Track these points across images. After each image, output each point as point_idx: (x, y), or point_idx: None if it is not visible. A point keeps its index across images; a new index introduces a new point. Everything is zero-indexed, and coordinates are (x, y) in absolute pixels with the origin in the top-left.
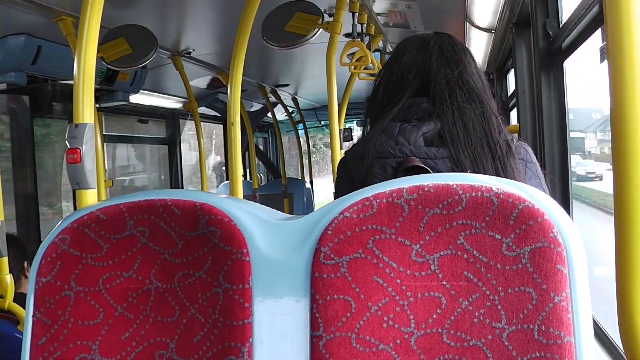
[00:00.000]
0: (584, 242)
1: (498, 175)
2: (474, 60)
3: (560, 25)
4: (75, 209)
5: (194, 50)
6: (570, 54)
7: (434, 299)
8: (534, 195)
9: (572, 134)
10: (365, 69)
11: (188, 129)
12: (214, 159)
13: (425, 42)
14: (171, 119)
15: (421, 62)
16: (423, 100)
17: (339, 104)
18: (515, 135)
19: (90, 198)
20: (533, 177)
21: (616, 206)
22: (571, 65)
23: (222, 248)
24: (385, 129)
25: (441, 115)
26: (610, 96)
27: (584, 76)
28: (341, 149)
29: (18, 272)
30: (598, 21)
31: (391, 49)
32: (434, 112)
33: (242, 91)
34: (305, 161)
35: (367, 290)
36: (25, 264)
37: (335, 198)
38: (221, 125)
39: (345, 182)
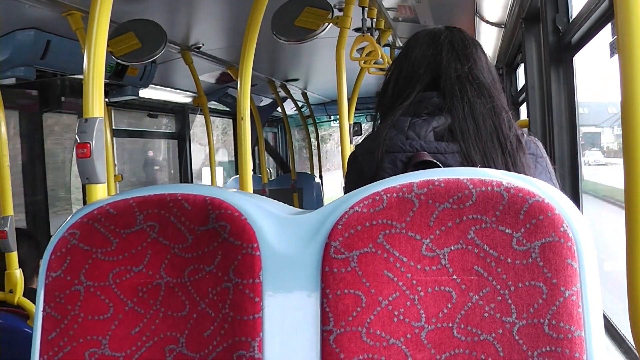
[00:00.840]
0: None
1: (508, 170)
2: (484, 55)
3: (570, 20)
4: (84, 203)
5: (203, 44)
6: (579, 48)
7: (445, 293)
8: (544, 189)
9: (587, 129)
10: (375, 63)
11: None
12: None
13: (436, 37)
14: (181, 114)
15: (431, 57)
16: (433, 94)
17: (348, 99)
18: (525, 129)
19: (100, 192)
20: (543, 172)
21: (627, 201)
22: (584, 58)
23: (232, 243)
24: (396, 123)
25: (451, 109)
26: (621, 91)
27: (597, 69)
28: (351, 143)
29: (32, 270)
30: (608, 16)
31: (401, 44)
32: (444, 107)
33: (251, 86)
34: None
35: (378, 284)
36: (41, 263)
37: (345, 193)
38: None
39: (355, 177)
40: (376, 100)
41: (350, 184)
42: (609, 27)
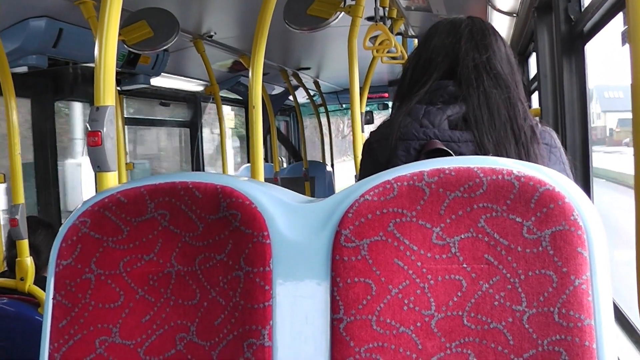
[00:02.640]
0: None
1: (521, 160)
2: (505, 45)
3: (582, 9)
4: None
5: (215, 33)
6: (591, 37)
7: (455, 281)
8: (555, 178)
9: (623, 115)
10: (387, 52)
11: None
12: None
13: (456, 26)
14: (193, 102)
15: (450, 45)
16: (449, 83)
17: (360, 88)
18: (537, 118)
19: (111, 181)
20: (557, 162)
21: (637, 188)
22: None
23: (243, 231)
24: (411, 111)
25: (466, 98)
26: (632, 80)
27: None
28: (362, 132)
29: (46, 258)
30: (620, 5)
31: (413, 33)
32: (460, 96)
33: (263, 74)
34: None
35: (388, 273)
36: None
37: (359, 179)
38: None
39: (369, 164)
40: (394, 88)
41: (365, 171)
42: (620, 15)
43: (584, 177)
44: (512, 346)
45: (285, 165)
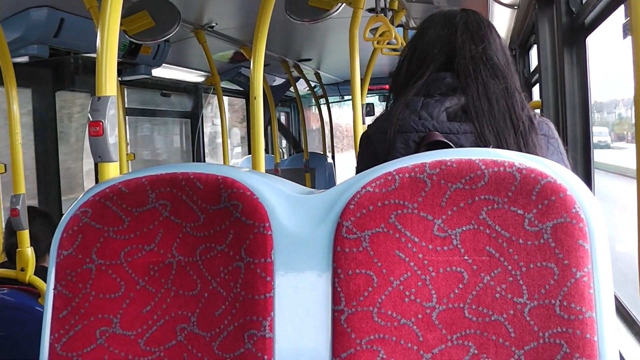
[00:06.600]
0: None
1: (520, 150)
2: (499, 37)
3: (583, 1)
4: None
5: (216, 24)
6: (592, 30)
7: (456, 273)
8: (556, 170)
9: None
10: (388, 44)
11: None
12: None
13: (451, 18)
14: (194, 93)
15: (446, 37)
16: (447, 75)
17: (361, 79)
18: (538, 111)
19: (112, 171)
20: (555, 153)
21: (639, 181)
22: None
23: (244, 222)
24: (409, 103)
25: (465, 89)
26: (634, 72)
27: None
28: (363, 124)
29: (44, 248)
30: None
31: (414, 25)
32: (458, 87)
33: (264, 65)
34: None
35: (389, 264)
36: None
37: (357, 172)
38: None
39: (368, 157)
40: (390, 81)
41: (363, 164)
42: (622, 8)
43: (585, 170)
44: (513, 338)
45: (285, 156)
